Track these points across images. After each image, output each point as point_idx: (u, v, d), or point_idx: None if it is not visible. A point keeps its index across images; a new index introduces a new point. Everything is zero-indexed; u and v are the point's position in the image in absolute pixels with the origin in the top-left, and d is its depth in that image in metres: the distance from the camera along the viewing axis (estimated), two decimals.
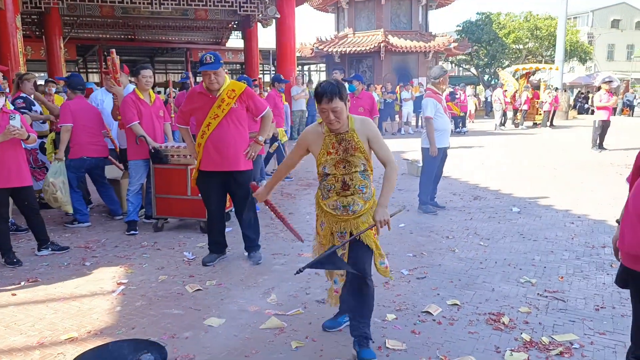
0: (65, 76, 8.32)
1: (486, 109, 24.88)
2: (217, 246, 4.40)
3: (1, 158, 4.25)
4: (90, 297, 3.67)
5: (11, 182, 4.32)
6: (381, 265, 2.82)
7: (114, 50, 5.64)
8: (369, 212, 2.75)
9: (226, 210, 5.56)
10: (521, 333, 3.01)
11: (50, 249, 4.63)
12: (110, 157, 5.91)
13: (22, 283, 3.93)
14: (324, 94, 2.61)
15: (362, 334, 2.73)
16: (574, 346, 2.86)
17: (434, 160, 5.92)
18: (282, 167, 3.16)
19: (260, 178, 7.45)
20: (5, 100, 4.45)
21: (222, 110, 4.06)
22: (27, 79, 6.17)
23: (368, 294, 2.76)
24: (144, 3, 13.21)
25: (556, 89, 20.10)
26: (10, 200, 4.57)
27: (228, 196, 4.49)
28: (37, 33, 18.17)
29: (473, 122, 20.15)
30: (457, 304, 3.44)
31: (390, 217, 2.64)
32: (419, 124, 16.94)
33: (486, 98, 25.51)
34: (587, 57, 32.41)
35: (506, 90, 18.38)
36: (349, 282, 2.79)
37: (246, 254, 4.45)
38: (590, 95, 27.25)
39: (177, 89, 13.79)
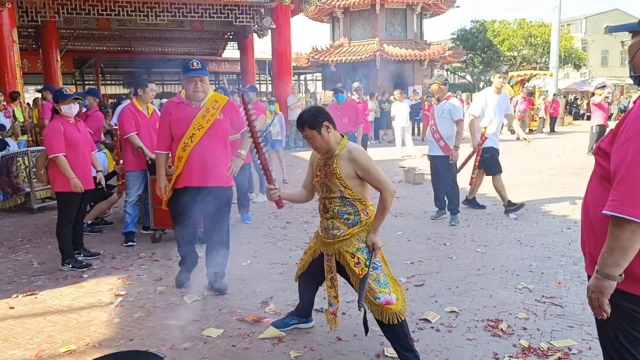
0: (85, 91, 8.89)
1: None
2: (191, 267, 4.08)
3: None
4: (89, 309, 3.66)
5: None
6: (377, 300, 2.66)
7: None
8: (355, 239, 2.74)
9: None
10: (519, 339, 3.02)
11: (70, 265, 4.55)
12: None
13: (20, 296, 3.92)
14: (297, 122, 2.80)
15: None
16: (572, 352, 2.86)
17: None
18: (302, 189, 3.09)
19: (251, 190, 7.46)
20: None
21: (207, 121, 3.76)
22: None
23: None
24: (140, 15, 13.31)
25: (554, 94, 20.18)
26: None
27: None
28: (34, 46, 18.25)
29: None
30: (455, 311, 3.44)
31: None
32: (415, 131, 17.00)
33: None
34: (582, 63, 32.66)
35: None
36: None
37: (209, 283, 3.96)
38: (578, 101, 27.43)
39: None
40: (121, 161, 5.79)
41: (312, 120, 2.73)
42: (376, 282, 2.69)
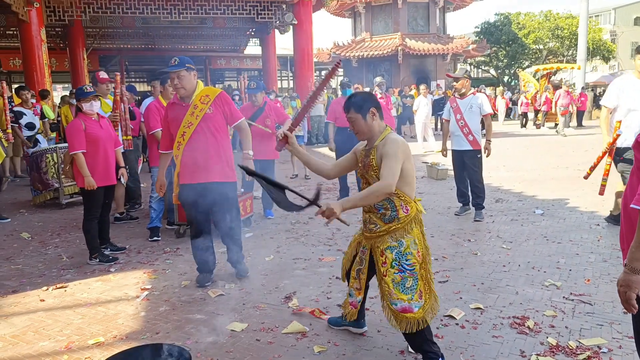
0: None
1: (506, 111, 24.58)
2: (207, 265, 4.06)
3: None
4: (116, 302, 3.73)
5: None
6: (393, 305, 2.59)
7: None
8: (390, 236, 2.62)
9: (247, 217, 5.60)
10: (547, 337, 2.96)
11: (98, 260, 4.65)
12: None
13: (50, 289, 4.02)
14: (345, 103, 2.74)
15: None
16: (602, 350, 2.80)
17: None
18: (332, 164, 2.94)
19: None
20: None
21: (195, 117, 3.78)
22: None
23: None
24: (163, 13, 13.46)
25: (582, 88, 19.70)
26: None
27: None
28: (62, 45, 18.67)
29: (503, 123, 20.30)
30: (480, 308, 3.40)
31: (337, 218, 2.49)
32: (438, 126, 16.83)
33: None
34: (610, 56, 31.80)
35: (528, 91, 18.12)
36: None
37: (231, 266, 4.18)
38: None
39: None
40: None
41: (359, 104, 2.67)
42: (399, 285, 2.57)
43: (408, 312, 2.56)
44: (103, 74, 6.13)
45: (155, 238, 5.33)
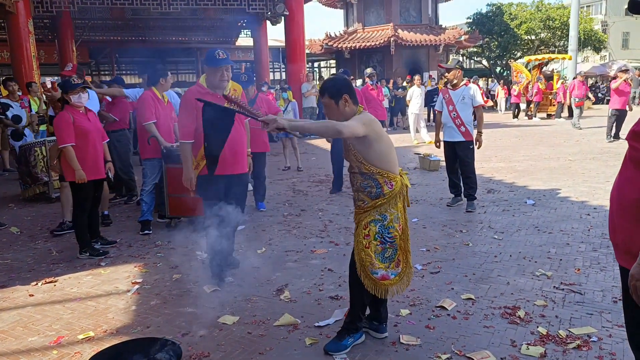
0: (111, 79, 9.18)
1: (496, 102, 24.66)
2: (226, 258, 4.01)
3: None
4: (106, 296, 3.70)
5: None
6: (373, 275, 2.72)
7: None
8: (375, 210, 2.72)
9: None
10: (537, 327, 2.98)
11: (88, 254, 4.61)
12: None
13: (39, 284, 3.98)
14: (320, 88, 2.86)
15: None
16: (592, 339, 2.81)
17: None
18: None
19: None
20: None
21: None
22: None
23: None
24: (153, 4, 13.30)
25: (573, 79, 19.72)
26: None
27: None
28: (50, 37, 18.41)
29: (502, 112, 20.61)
30: (471, 298, 3.41)
31: (284, 130, 2.63)
32: (431, 118, 16.84)
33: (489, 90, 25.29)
34: (602, 46, 31.86)
35: (519, 82, 18.14)
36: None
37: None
38: (605, 84, 26.76)
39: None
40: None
41: (333, 90, 2.75)
42: (380, 255, 2.72)
43: (386, 279, 2.73)
44: (67, 67, 6.15)
45: (146, 231, 5.29)
